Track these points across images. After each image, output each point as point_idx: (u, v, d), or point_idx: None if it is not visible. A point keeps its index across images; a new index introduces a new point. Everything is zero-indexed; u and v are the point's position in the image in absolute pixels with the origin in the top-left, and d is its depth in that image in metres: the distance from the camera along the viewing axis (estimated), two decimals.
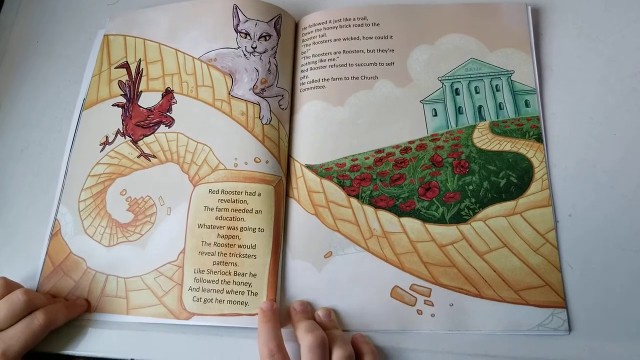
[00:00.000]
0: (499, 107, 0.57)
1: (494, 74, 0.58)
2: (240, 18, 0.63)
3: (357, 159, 0.56)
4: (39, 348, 0.51)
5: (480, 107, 0.57)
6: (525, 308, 0.49)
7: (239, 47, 0.62)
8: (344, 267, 0.53)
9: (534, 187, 0.53)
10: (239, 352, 0.52)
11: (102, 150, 0.61)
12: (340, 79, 0.60)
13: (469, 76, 0.59)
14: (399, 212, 0.54)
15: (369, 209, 0.55)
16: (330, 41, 0.62)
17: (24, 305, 0.49)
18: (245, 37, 0.62)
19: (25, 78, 0.69)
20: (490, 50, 0.59)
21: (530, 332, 0.48)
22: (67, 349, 0.53)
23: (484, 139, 0.56)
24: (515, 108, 0.57)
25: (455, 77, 0.59)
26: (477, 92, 0.58)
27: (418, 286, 0.51)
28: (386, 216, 0.54)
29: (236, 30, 0.62)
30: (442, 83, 0.59)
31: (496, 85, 0.58)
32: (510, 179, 0.54)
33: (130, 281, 0.55)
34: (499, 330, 0.49)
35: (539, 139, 0.55)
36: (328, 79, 0.60)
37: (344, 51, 0.61)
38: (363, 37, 0.61)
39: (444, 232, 0.53)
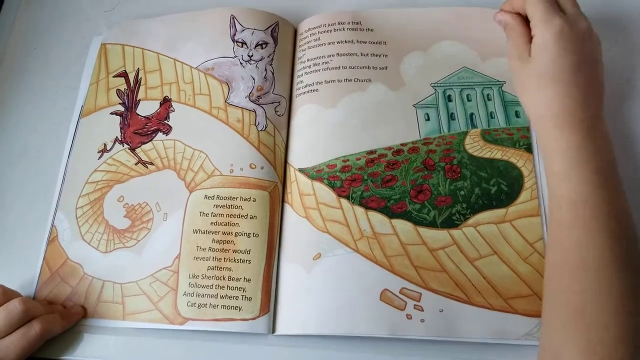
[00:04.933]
0: (490, 115, 0.57)
1: (485, 83, 0.59)
2: (237, 28, 0.63)
3: (348, 160, 0.56)
4: (35, 354, 0.52)
5: (472, 114, 0.58)
6: (513, 317, 0.49)
7: (235, 56, 0.63)
8: (332, 268, 0.52)
9: (523, 196, 0.53)
10: (233, 357, 0.52)
11: (100, 157, 0.61)
12: (334, 81, 0.60)
13: (461, 84, 0.59)
14: (390, 214, 0.54)
15: (360, 210, 0.54)
16: (325, 44, 0.62)
17: (21, 315, 0.50)
18: (242, 46, 0.63)
19: (22, 85, 0.70)
20: (482, 59, 0.60)
21: (517, 341, 0.48)
22: (64, 355, 0.54)
23: (476, 146, 0.56)
24: (506, 118, 0.57)
25: (447, 85, 0.59)
26: (469, 100, 0.58)
27: (408, 290, 0.51)
28: (377, 217, 0.54)
29: (233, 40, 0.63)
30: (435, 89, 0.59)
31: (487, 95, 0.58)
32: (501, 186, 0.54)
33: (127, 287, 0.55)
34: (488, 337, 0.48)
35: (528, 149, 0.55)
36: (321, 82, 0.60)
37: (337, 54, 0.61)
38: (357, 41, 0.62)
39: (435, 236, 0.52)
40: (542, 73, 0.49)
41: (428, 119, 0.58)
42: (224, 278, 0.53)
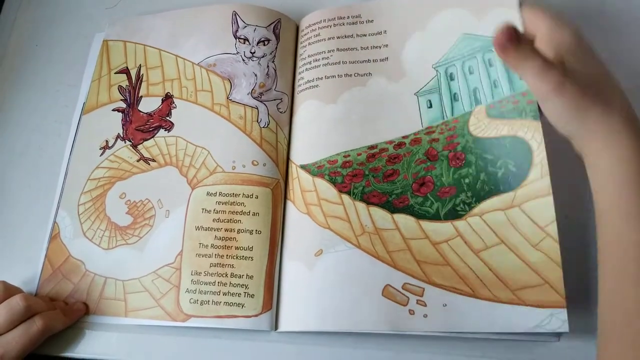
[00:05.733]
0: (494, 84, 0.55)
1: (486, 46, 0.56)
2: (239, 24, 0.63)
3: (349, 155, 0.56)
4: (37, 351, 0.52)
5: (475, 89, 0.56)
6: (522, 308, 0.46)
7: (237, 53, 0.63)
8: (334, 264, 0.52)
9: (533, 174, 0.50)
10: (236, 354, 0.52)
11: (102, 154, 0.61)
12: (334, 76, 0.59)
13: (462, 56, 0.57)
14: (392, 209, 0.53)
15: (361, 205, 0.54)
16: (324, 40, 0.62)
17: (23, 311, 0.50)
18: (244, 43, 0.63)
19: (24, 82, 0.71)
20: (478, 19, 0.57)
21: (525, 335, 0.46)
22: (66, 352, 0.54)
23: (481, 125, 0.54)
24: (510, 82, 0.54)
25: (449, 61, 0.57)
26: (471, 73, 0.56)
27: (411, 285, 0.49)
28: (379, 212, 0.53)
29: (235, 36, 0.63)
30: (437, 70, 0.57)
31: (489, 60, 0.56)
32: (508, 167, 0.51)
33: (129, 284, 0.55)
34: (495, 331, 0.46)
35: (536, 116, 0.51)
36: (321, 78, 0.60)
37: (337, 49, 0.61)
38: (357, 34, 0.61)
39: (438, 228, 0.51)
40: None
41: (430, 106, 0.56)
42: (226, 275, 0.53)
